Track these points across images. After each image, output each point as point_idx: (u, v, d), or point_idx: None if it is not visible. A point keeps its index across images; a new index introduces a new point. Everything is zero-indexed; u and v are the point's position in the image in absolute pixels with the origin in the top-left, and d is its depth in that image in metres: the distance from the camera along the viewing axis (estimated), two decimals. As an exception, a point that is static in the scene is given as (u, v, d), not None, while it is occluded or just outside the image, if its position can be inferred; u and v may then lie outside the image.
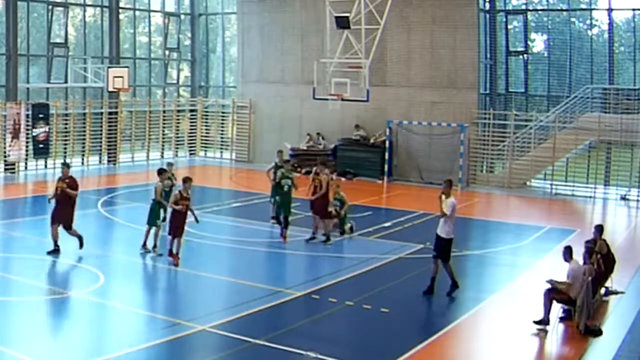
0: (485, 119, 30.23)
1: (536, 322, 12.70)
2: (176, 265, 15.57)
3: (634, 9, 29.05)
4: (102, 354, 10.84)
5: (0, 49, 28.85)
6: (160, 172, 17.48)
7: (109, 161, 32.55)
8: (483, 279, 16.81)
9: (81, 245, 16.31)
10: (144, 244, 16.75)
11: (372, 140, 31.34)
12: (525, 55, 31.49)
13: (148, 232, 16.83)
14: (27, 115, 28.55)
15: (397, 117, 30.93)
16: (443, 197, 14.33)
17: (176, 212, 15.69)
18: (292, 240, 18.69)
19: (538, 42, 32.42)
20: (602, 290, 14.48)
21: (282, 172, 18.76)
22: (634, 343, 12.18)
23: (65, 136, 30.96)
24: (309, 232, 19.62)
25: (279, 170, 19.91)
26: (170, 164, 19.84)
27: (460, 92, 30.04)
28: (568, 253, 13.00)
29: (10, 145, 28.09)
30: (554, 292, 12.80)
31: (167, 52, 36.10)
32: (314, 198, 18.33)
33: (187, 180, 15.97)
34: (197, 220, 16.11)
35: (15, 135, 28.13)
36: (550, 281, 12.96)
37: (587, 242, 14.55)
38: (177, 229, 15.75)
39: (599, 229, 14.93)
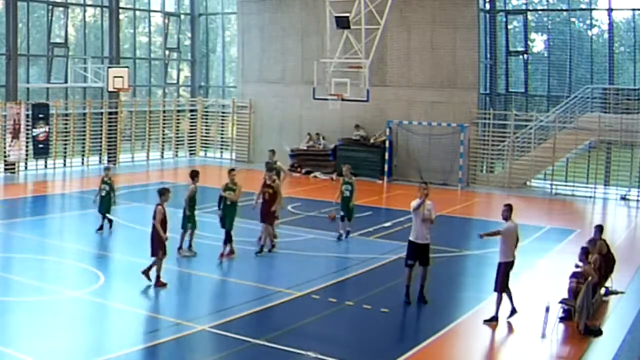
0: (485, 119, 30.24)
1: (487, 321, 12.92)
2: (161, 286, 14.31)
3: (634, 9, 29.06)
4: (102, 354, 10.84)
5: (0, 49, 28.86)
6: (193, 175, 17.15)
7: (109, 161, 32.51)
8: (483, 279, 16.75)
9: None
10: (180, 248, 16.73)
11: (372, 140, 31.34)
12: (525, 55, 31.50)
13: (183, 235, 16.80)
14: (27, 115, 28.57)
15: (397, 117, 30.93)
16: (425, 201, 13.68)
17: (156, 229, 14.23)
18: (292, 241, 18.70)
19: (538, 42, 32.44)
20: (602, 290, 14.48)
21: (227, 184, 16.89)
22: (634, 343, 12.18)
23: (65, 136, 30.97)
24: (309, 232, 19.64)
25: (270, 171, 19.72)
26: (107, 169, 19.36)
27: (460, 92, 30.05)
28: (509, 211, 13.20)
29: (10, 145, 28.10)
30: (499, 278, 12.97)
31: (167, 52, 36.12)
32: (274, 209, 17.14)
33: (164, 192, 14.48)
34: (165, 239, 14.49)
35: (15, 135, 28.14)
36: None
37: (589, 241, 14.57)
38: (157, 249, 14.33)
39: (599, 229, 14.94)
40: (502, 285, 12.97)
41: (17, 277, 14.54)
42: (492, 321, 12.86)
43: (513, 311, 12.98)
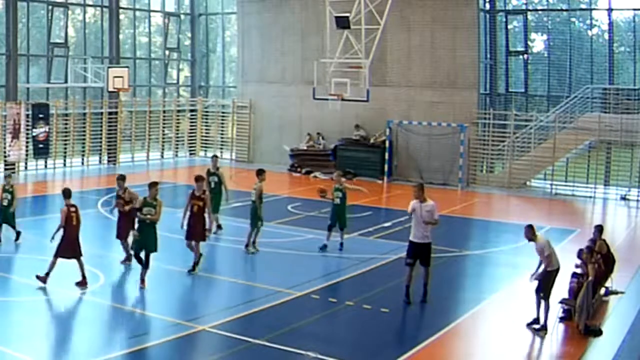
0: (485, 119, 30.23)
1: (530, 324, 12.64)
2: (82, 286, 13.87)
3: (634, 9, 29.06)
4: (102, 354, 10.84)
5: (0, 49, 28.86)
6: (259, 172, 17.35)
7: (109, 161, 32.55)
8: (483, 279, 16.80)
9: None
10: (247, 245, 17.27)
11: (372, 140, 31.35)
12: (525, 55, 31.50)
13: (250, 234, 17.27)
14: (27, 115, 28.57)
15: (397, 117, 30.93)
16: (418, 202, 13.67)
17: (66, 229, 14.02)
18: (292, 240, 18.70)
19: (538, 42, 32.43)
20: (602, 290, 14.49)
21: (146, 198, 14.36)
22: (634, 343, 12.19)
23: (65, 136, 30.97)
24: (309, 232, 19.59)
25: (211, 177, 18.86)
26: (8, 176, 18.29)
27: (460, 92, 30.05)
28: (530, 232, 12.87)
29: (10, 145, 28.09)
30: (543, 284, 12.76)
31: (167, 52, 36.12)
32: (206, 229, 15.48)
33: (66, 194, 14.29)
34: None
35: (15, 135, 28.14)
36: (535, 278, 12.93)
37: (589, 241, 14.56)
38: (66, 251, 14.05)
39: (599, 229, 14.93)
40: (545, 293, 12.71)
41: (17, 277, 14.53)
42: (541, 330, 12.60)
43: (536, 321, 12.73)
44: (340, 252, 17.77)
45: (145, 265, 14.14)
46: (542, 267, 12.86)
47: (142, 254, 14.22)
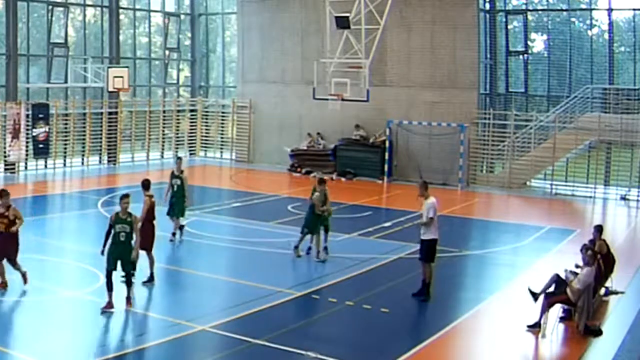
0: (485, 119, 30.23)
1: (530, 326, 12.58)
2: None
3: (634, 9, 29.06)
4: (102, 354, 10.84)
5: (0, 49, 28.86)
6: (321, 182, 17.14)
7: (109, 161, 32.55)
8: (483, 279, 16.81)
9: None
10: (318, 252, 16.94)
11: (372, 140, 31.35)
12: (525, 55, 31.49)
13: (302, 239, 17.02)
14: (27, 115, 28.56)
15: (397, 117, 30.93)
16: (422, 199, 13.98)
17: None
18: (292, 241, 18.67)
19: (538, 42, 32.43)
20: (602, 290, 14.48)
21: (118, 214, 13.24)
22: (634, 343, 12.17)
23: (65, 136, 30.97)
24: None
25: (174, 179, 18.06)
26: None
27: (460, 92, 30.05)
28: (592, 257, 12.75)
29: (10, 145, 28.09)
30: (553, 296, 12.74)
31: (167, 52, 36.11)
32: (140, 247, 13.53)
33: (2, 194, 13.66)
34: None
35: (15, 135, 28.14)
36: (567, 271, 12.88)
37: (589, 241, 14.55)
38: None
39: (599, 229, 14.93)
40: (552, 301, 12.69)
41: (17, 277, 14.53)
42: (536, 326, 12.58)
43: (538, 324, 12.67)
44: (306, 254, 17.19)
45: (128, 283, 13.04)
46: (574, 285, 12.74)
47: (118, 273, 13.09)
